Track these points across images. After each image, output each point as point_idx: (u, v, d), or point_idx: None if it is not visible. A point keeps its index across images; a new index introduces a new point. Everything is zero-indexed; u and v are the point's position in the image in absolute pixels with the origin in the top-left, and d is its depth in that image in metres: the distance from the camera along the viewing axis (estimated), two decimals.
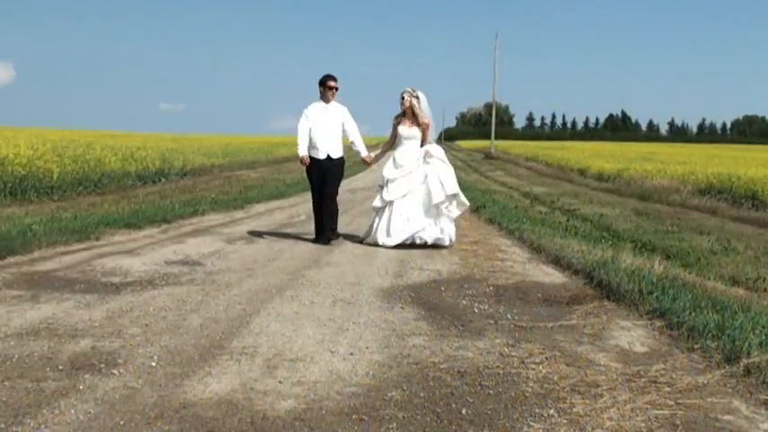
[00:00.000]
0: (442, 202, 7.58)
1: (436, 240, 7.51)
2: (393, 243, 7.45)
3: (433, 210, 7.58)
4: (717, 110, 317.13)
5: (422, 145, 7.78)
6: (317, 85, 7.80)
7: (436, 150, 7.80)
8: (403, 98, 7.76)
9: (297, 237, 8.33)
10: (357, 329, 4.17)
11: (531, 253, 7.41)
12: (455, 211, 7.80)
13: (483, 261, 6.78)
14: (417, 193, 7.62)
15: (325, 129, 7.68)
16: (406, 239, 7.49)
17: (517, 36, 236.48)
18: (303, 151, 7.70)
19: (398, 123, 7.83)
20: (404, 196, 7.59)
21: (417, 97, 7.75)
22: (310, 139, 7.68)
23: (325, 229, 7.81)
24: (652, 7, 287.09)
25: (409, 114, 7.77)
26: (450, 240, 7.59)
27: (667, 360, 3.68)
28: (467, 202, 8.00)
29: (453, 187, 7.69)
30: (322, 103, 7.76)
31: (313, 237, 8.06)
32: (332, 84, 7.72)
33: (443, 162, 7.76)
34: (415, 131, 7.73)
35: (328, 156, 7.73)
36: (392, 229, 7.52)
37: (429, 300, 5.03)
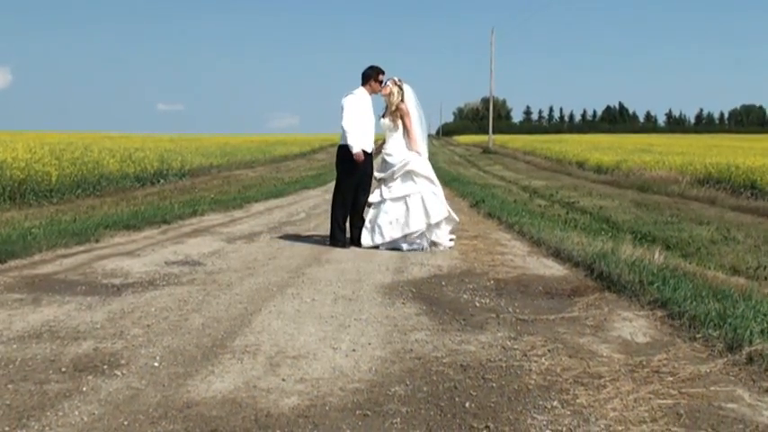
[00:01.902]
0: (420, 231, 7.02)
1: (429, 244, 7.08)
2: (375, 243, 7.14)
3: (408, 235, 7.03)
4: (714, 100, 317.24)
5: (408, 135, 7.22)
6: (362, 75, 7.30)
7: (421, 166, 7.21)
8: (386, 84, 7.27)
9: (297, 235, 8.33)
10: (359, 326, 4.17)
11: (531, 246, 7.41)
12: (443, 236, 7.17)
13: (483, 255, 6.78)
14: (389, 209, 7.11)
15: (372, 120, 7.29)
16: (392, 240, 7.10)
17: (513, 30, 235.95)
18: (358, 148, 7.08)
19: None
20: (382, 202, 7.16)
21: (401, 88, 7.25)
22: (359, 130, 7.14)
23: (356, 228, 7.33)
24: None
25: (388, 104, 7.31)
26: (441, 241, 7.14)
27: (669, 350, 3.69)
28: (456, 218, 7.38)
29: (440, 213, 7.07)
30: (367, 93, 7.29)
31: (314, 235, 8.02)
32: (383, 78, 7.31)
33: (430, 181, 7.21)
34: (388, 122, 7.23)
35: (372, 150, 7.38)
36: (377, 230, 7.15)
37: (430, 295, 5.03)
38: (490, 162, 38.00)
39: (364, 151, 7.17)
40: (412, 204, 7.05)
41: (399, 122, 7.26)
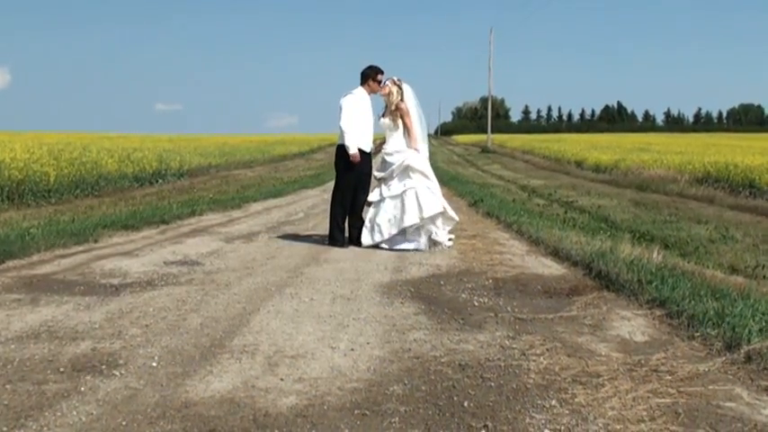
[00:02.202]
0: (414, 225, 7.01)
1: (421, 246, 7.06)
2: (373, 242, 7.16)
3: (404, 229, 7.04)
4: (712, 99, 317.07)
5: (408, 135, 7.21)
6: (361, 75, 7.32)
7: (417, 162, 7.17)
8: (385, 84, 7.27)
9: (295, 234, 8.32)
10: (357, 325, 4.17)
11: (530, 245, 7.41)
12: (442, 235, 7.14)
13: (482, 254, 6.78)
14: (388, 207, 7.11)
15: (371, 120, 7.32)
16: (387, 238, 7.10)
17: (512, 29, 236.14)
18: (355, 149, 7.12)
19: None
20: (381, 200, 7.16)
21: (400, 87, 7.24)
22: (358, 130, 7.17)
23: (354, 228, 7.33)
24: None
25: (387, 103, 7.32)
26: (439, 242, 7.11)
27: (668, 349, 3.69)
28: (455, 217, 7.36)
29: (434, 207, 7.05)
30: (366, 93, 7.31)
31: (313, 235, 8.00)
32: (382, 77, 7.32)
33: (425, 176, 7.16)
34: (388, 122, 7.24)
35: (371, 149, 7.42)
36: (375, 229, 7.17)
37: (429, 294, 5.03)
38: (489, 161, 38.02)
39: (363, 151, 7.19)
40: (407, 200, 7.05)
41: (399, 122, 7.26)
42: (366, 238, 7.17)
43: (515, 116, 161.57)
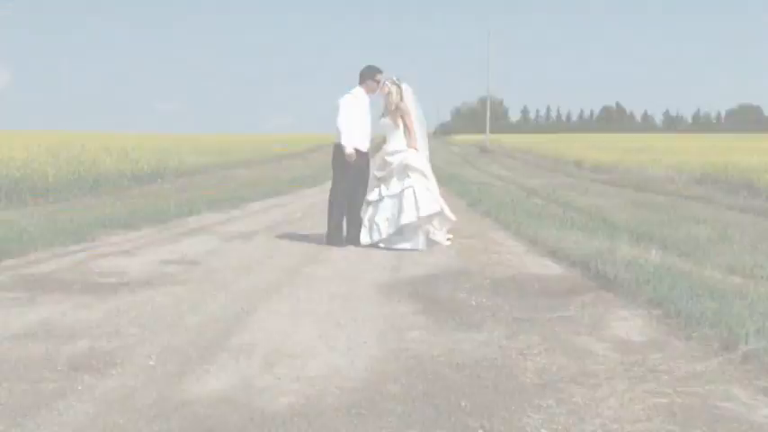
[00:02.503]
0: (411, 224, 7.02)
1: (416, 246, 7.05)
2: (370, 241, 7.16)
3: (401, 228, 7.07)
4: (711, 100, 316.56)
5: (409, 134, 7.21)
6: (359, 75, 7.41)
7: (416, 161, 7.18)
8: (385, 84, 7.31)
9: (293, 234, 8.32)
10: (355, 324, 4.17)
11: (528, 245, 7.41)
12: (440, 235, 7.20)
13: (480, 254, 6.79)
14: (386, 206, 7.11)
15: (368, 120, 7.37)
16: (383, 237, 7.10)
17: (511, 29, 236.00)
18: (350, 148, 7.16)
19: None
20: (380, 200, 7.17)
21: (399, 87, 7.24)
22: (355, 129, 7.24)
23: (352, 227, 7.33)
24: None
25: (387, 103, 7.33)
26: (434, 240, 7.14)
27: (665, 349, 3.69)
28: (452, 217, 7.35)
29: (431, 207, 7.07)
30: (365, 93, 7.41)
31: (311, 234, 8.00)
32: (380, 77, 7.36)
33: (424, 176, 7.17)
34: (389, 122, 7.25)
35: (368, 150, 7.46)
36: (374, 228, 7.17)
37: (426, 294, 5.03)
38: (487, 161, 38.08)
39: (360, 150, 7.19)
40: (404, 198, 7.05)
41: (400, 121, 7.26)
42: (364, 238, 7.18)
43: (514, 116, 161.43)
